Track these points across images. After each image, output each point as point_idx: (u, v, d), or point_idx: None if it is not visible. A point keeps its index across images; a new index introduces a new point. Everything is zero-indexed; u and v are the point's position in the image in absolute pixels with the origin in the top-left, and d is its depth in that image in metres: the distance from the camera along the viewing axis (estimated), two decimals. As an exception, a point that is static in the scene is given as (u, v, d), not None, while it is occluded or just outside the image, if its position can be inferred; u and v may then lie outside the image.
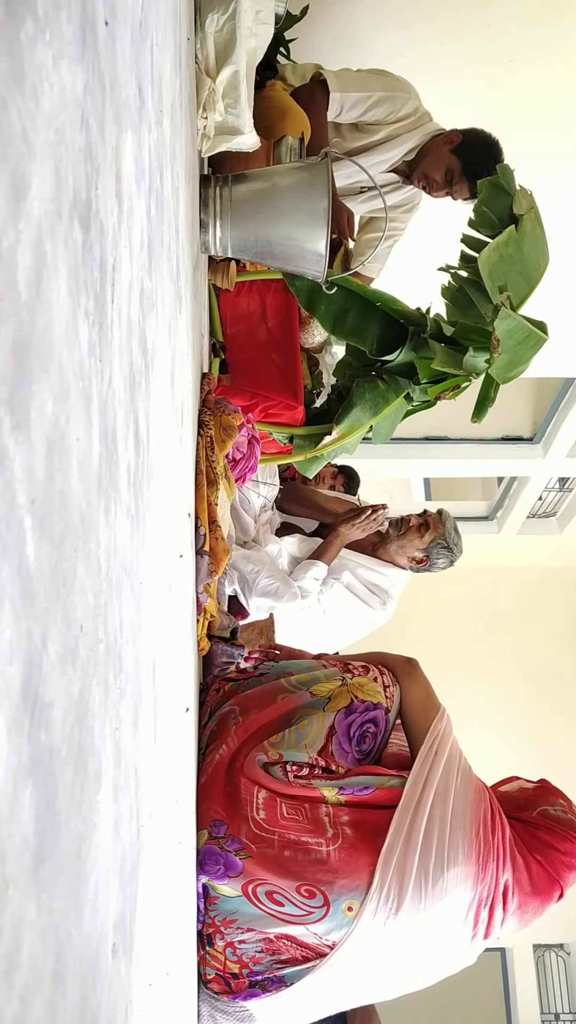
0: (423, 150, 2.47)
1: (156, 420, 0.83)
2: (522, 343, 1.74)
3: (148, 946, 0.76)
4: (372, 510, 2.57)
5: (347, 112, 2.39)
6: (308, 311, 2.07)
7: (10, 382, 0.33)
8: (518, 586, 6.85)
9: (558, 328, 1.97)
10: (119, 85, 0.59)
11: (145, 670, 0.73)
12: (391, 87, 2.41)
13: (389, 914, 1.43)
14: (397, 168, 2.54)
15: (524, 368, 1.83)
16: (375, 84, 2.40)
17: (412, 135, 2.45)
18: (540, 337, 1.74)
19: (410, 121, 2.44)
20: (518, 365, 1.81)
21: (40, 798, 0.38)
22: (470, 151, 2.38)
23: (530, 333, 1.73)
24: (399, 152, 2.47)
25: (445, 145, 2.42)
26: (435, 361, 1.88)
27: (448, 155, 2.41)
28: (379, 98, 2.38)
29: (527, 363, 1.82)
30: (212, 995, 1.47)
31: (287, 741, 1.59)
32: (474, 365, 1.86)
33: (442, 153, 2.42)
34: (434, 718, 1.64)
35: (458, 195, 2.45)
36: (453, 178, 2.41)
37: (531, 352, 1.79)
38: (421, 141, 2.47)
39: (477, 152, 2.37)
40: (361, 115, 2.41)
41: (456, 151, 2.40)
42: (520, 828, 1.57)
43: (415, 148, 2.48)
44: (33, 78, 0.36)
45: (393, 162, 2.50)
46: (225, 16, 1.57)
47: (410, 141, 2.46)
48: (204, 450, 1.60)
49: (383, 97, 2.39)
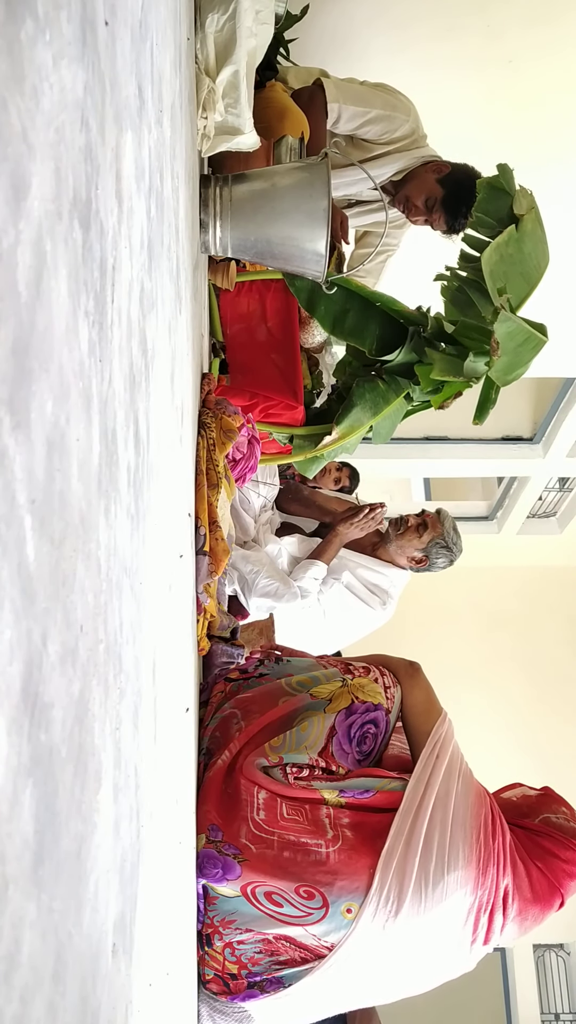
0: (410, 174, 2.46)
1: (156, 420, 0.83)
2: (522, 345, 1.74)
3: (148, 946, 0.76)
4: (370, 509, 2.57)
5: (343, 123, 2.39)
6: (308, 311, 2.07)
7: (10, 382, 0.33)
8: (518, 586, 6.85)
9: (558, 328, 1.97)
10: (119, 85, 0.59)
11: (145, 670, 0.73)
12: (390, 106, 2.40)
13: (388, 916, 1.43)
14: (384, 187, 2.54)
15: (524, 370, 1.83)
16: (375, 101, 2.39)
17: (403, 156, 2.44)
18: (540, 339, 1.74)
19: (405, 143, 2.43)
20: (518, 367, 1.81)
21: (40, 798, 0.38)
22: (455, 184, 2.37)
23: (530, 335, 1.73)
24: (389, 171, 2.46)
25: (432, 173, 2.41)
26: (435, 371, 1.88)
27: (433, 183, 2.40)
28: (376, 116, 2.37)
29: (527, 365, 1.82)
30: (211, 995, 1.47)
31: (288, 744, 1.59)
32: (474, 370, 1.86)
33: (427, 180, 2.41)
34: (436, 722, 1.64)
35: (435, 225, 2.45)
36: (433, 206, 2.41)
37: (531, 354, 1.79)
38: (411, 164, 2.46)
39: (462, 187, 2.33)
40: (356, 129, 2.40)
41: (442, 181, 2.39)
42: (522, 835, 1.57)
43: (404, 170, 2.47)
44: (33, 78, 0.36)
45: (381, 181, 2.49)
46: (225, 16, 1.57)
47: (400, 162, 2.45)
48: (205, 451, 1.60)
49: (380, 116, 2.38)
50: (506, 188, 1.85)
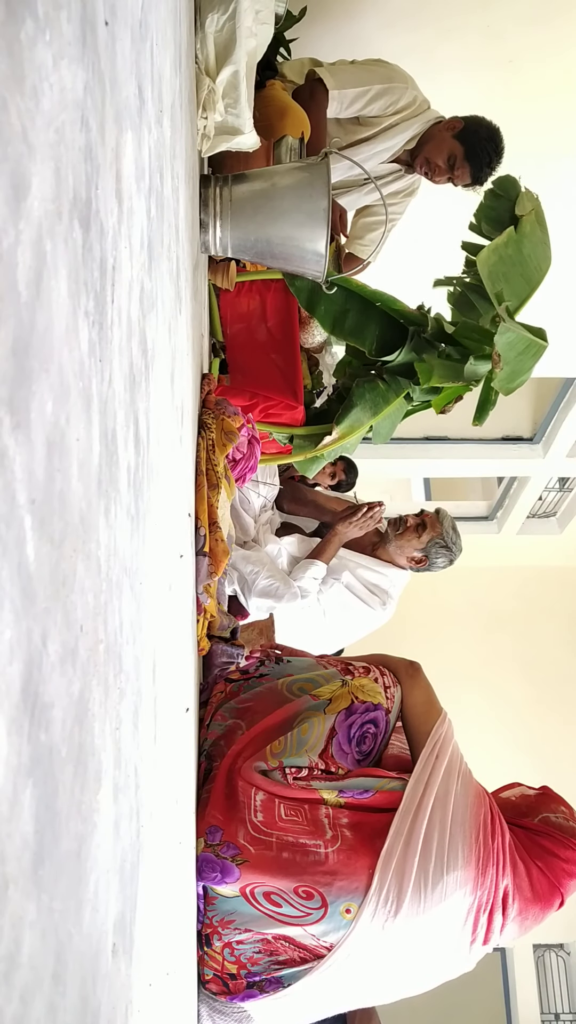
0: (424, 137, 2.49)
1: (156, 420, 0.83)
2: (523, 353, 1.74)
3: (148, 946, 0.76)
4: (368, 508, 2.57)
5: (347, 109, 2.41)
6: (308, 311, 2.07)
7: (10, 382, 0.33)
8: (518, 586, 6.85)
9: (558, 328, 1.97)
10: (119, 85, 0.59)
11: (145, 670, 0.73)
12: (387, 78, 2.42)
13: (388, 916, 1.43)
14: (399, 157, 2.56)
15: (526, 377, 1.84)
16: (371, 77, 2.41)
17: (412, 124, 2.47)
18: (540, 345, 1.74)
19: (410, 111, 2.46)
20: (520, 375, 1.81)
21: (40, 798, 0.38)
22: (472, 136, 2.41)
23: (530, 343, 1.73)
24: (400, 141, 2.49)
25: (447, 131, 2.45)
26: (434, 378, 1.89)
27: (451, 140, 2.43)
28: (377, 91, 2.40)
29: (529, 372, 1.82)
30: (210, 995, 1.47)
31: (289, 748, 1.59)
32: (475, 372, 1.86)
33: (444, 139, 2.45)
34: (435, 722, 1.64)
35: (459, 180, 2.47)
36: (456, 163, 2.44)
37: (532, 361, 1.79)
38: (421, 129, 2.49)
39: (479, 137, 2.40)
40: (361, 110, 2.42)
41: (458, 136, 2.43)
42: (521, 834, 1.57)
43: (415, 136, 2.49)
44: (33, 78, 0.36)
45: (394, 151, 2.52)
46: (225, 16, 1.57)
47: (410, 130, 2.48)
48: (205, 452, 1.60)
49: (381, 90, 2.40)
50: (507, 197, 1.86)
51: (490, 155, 2.39)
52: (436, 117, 2.50)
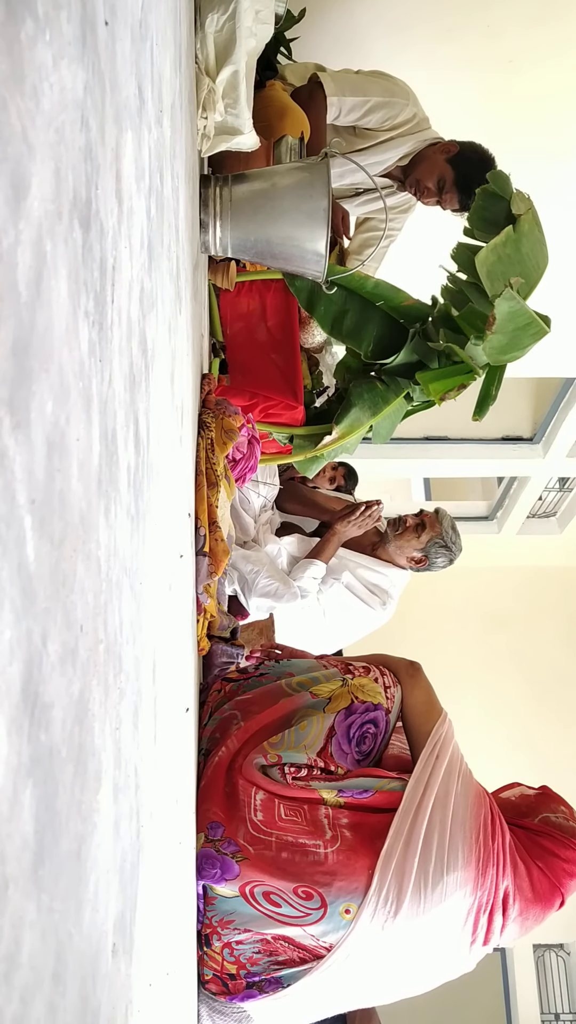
0: (418, 156, 2.47)
1: (156, 420, 0.83)
2: (522, 329, 1.73)
3: (148, 946, 0.76)
4: (366, 506, 2.57)
5: (344, 116, 2.40)
6: (308, 311, 2.07)
7: (10, 382, 0.33)
8: (518, 586, 6.85)
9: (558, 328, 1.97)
10: (119, 85, 0.59)
11: (145, 670, 0.73)
12: (389, 92, 2.41)
13: (387, 917, 1.43)
14: (391, 172, 2.55)
15: (520, 355, 1.82)
16: (373, 89, 2.40)
17: (407, 141, 2.45)
18: (541, 328, 1.73)
19: (407, 128, 2.44)
20: (514, 350, 1.79)
21: (40, 798, 0.38)
22: (465, 163, 2.38)
23: (532, 321, 1.72)
24: (393, 156, 2.47)
25: (441, 154, 2.43)
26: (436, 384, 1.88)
27: (443, 164, 2.41)
28: (376, 103, 2.38)
29: (524, 350, 1.81)
30: (210, 996, 1.47)
31: (287, 742, 1.59)
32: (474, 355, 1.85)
33: (437, 161, 2.43)
34: (436, 722, 1.64)
35: (448, 205, 2.46)
36: (445, 187, 2.42)
37: (530, 340, 1.78)
38: (416, 147, 2.47)
39: (472, 165, 2.36)
40: (358, 119, 2.41)
41: (451, 161, 2.41)
42: (521, 834, 1.57)
43: (410, 154, 2.48)
44: (33, 78, 0.36)
45: (386, 166, 2.50)
46: (225, 16, 1.57)
47: (405, 146, 2.46)
48: (204, 451, 1.60)
49: (380, 103, 2.39)
50: (501, 194, 1.85)
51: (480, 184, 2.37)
52: (434, 138, 2.47)
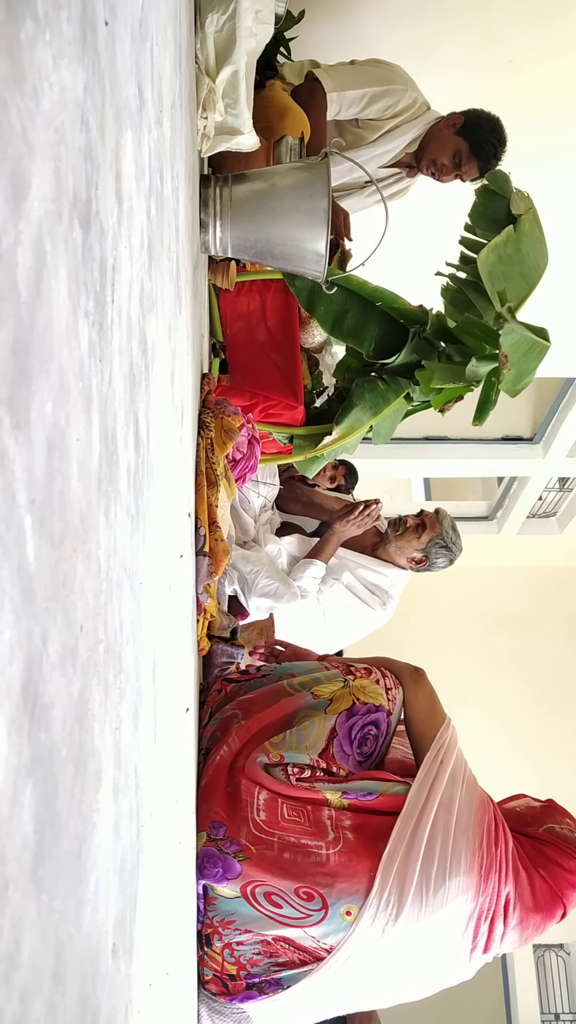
0: (426, 138, 2.49)
1: (156, 420, 0.83)
2: (527, 354, 1.74)
3: (148, 946, 0.76)
4: (365, 505, 2.57)
5: (345, 111, 2.40)
6: (308, 311, 2.07)
7: (10, 382, 0.33)
8: (518, 586, 6.85)
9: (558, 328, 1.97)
10: (119, 85, 0.59)
11: (145, 670, 0.73)
12: (386, 80, 2.42)
13: (388, 920, 1.42)
14: (399, 160, 2.55)
15: (531, 378, 1.84)
16: (370, 79, 2.40)
17: (413, 126, 2.47)
18: (543, 345, 1.74)
19: (410, 113, 2.45)
20: (525, 376, 1.81)
21: (40, 798, 0.38)
22: (475, 130, 2.41)
23: (534, 343, 1.72)
24: (401, 143, 2.48)
25: (449, 128, 2.44)
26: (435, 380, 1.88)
27: (454, 138, 2.43)
28: (375, 94, 2.39)
29: (533, 372, 1.82)
30: (210, 996, 1.47)
31: (288, 742, 1.59)
32: (476, 373, 1.85)
33: (447, 137, 2.44)
34: (440, 727, 1.64)
35: (467, 176, 2.47)
36: (462, 159, 2.43)
37: (536, 361, 1.79)
38: (422, 131, 2.48)
39: (482, 130, 2.40)
40: (359, 112, 2.42)
41: (461, 132, 2.42)
42: (525, 843, 1.56)
43: (417, 138, 2.49)
44: (33, 78, 0.36)
45: (395, 154, 2.51)
46: (225, 16, 1.57)
47: (411, 132, 2.47)
48: (204, 451, 1.60)
49: (380, 92, 2.40)
50: (500, 192, 1.85)
51: (495, 146, 2.39)
52: (436, 117, 2.49)
